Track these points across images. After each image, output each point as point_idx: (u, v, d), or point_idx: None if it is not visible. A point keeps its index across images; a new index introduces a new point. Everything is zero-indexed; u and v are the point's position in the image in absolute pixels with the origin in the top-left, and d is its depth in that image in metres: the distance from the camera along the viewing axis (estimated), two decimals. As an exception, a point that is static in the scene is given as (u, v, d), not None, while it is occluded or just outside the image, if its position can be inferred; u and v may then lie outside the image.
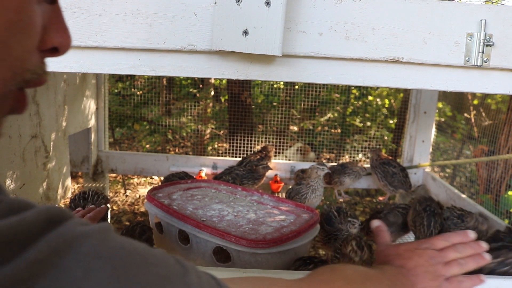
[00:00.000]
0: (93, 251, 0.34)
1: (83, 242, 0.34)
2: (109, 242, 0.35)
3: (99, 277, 0.33)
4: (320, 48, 0.88)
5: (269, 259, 1.08)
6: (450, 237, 0.86)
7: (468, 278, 0.83)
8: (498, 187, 2.07)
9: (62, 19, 0.44)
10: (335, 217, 1.40)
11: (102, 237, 0.35)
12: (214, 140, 3.77)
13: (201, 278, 0.42)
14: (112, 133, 3.69)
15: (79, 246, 0.33)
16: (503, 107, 2.29)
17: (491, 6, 0.93)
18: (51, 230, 0.33)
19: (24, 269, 0.30)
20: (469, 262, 0.83)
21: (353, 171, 1.94)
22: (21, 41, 0.37)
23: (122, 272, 0.34)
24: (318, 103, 3.25)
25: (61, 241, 0.33)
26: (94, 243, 0.34)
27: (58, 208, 0.36)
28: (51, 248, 0.32)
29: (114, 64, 0.92)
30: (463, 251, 0.84)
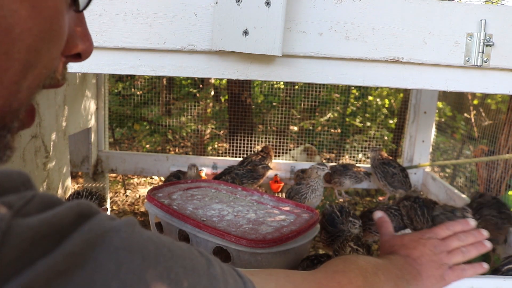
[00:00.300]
0: (123, 244, 0.35)
1: (114, 235, 0.35)
2: (138, 235, 0.37)
3: (131, 269, 0.34)
4: (320, 48, 0.88)
5: (269, 259, 1.08)
6: (452, 226, 0.88)
7: (471, 266, 0.85)
8: (498, 187, 2.07)
9: (86, 27, 0.45)
10: (338, 217, 1.40)
11: (131, 230, 0.37)
12: (214, 140, 3.77)
13: (223, 269, 0.43)
14: (112, 133, 3.69)
15: (110, 240, 0.35)
16: (503, 107, 2.29)
17: (491, 6, 0.93)
18: (83, 224, 0.34)
19: (62, 261, 0.31)
20: (471, 250, 0.86)
21: (355, 175, 1.94)
22: (51, 49, 0.39)
23: (152, 264, 0.36)
24: (318, 103, 3.25)
25: (93, 235, 0.34)
26: (123, 236, 0.35)
27: (87, 203, 0.37)
28: (85, 241, 0.33)
29: (114, 64, 0.92)
30: (465, 239, 0.86)
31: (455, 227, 0.89)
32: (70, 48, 0.43)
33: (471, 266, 0.85)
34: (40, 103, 1.49)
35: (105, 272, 0.33)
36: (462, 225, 0.89)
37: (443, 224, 0.90)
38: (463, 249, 0.85)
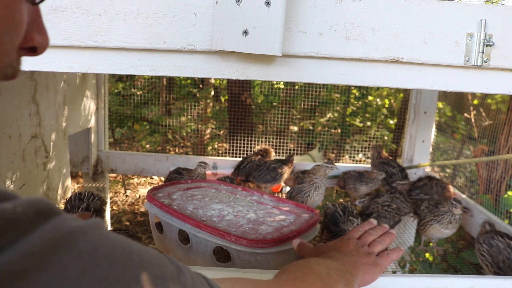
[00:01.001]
0: (89, 247, 0.33)
1: (80, 237, 0.33)
2: (105, 238, 0.35)
3: (96, 275, 0.32)
4: (320, 48, 0.88)
5: (269, 259, 1.08)
6: (361, 227, 1.03)
7: (393, 250, 0.98)
8: (498, 187, 2.07)
9: (42, 21, 0.45)
10: (341, 216, 1.40)
11: (98, 233, 0.35)
12: (214, 140, 3.77)
13: (193, 278, 0.42)
14: (112, 133, 3.69)
15: (75, 241, 0.32)
16: (503, 107, 2.29)
17: (491, 6, 0.93)
18: (44, 223, 0.32)
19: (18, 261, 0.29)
20: (385, 239, 0.99)
21: (371, 180, 1.91)
22: (12, 37, 0.39)
23: (119, 270, 0.33)
24: (318, 103, 3.25)
25: (57, 235, 0.32)
26: (90, 239, 0.33)
27: (48, 201, 0.35)
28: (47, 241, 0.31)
29: (114, 64, 0.92)
30: (375, 233, 1.00)
31: (364, 227, 1.03)
32: (27, 40, 0.42)
33: (393, 251, 0.97)
34: (40, 103, 1.49)
35: (68, 277, 0.31)
36: (368, 224, 1.05)
37: (354, 228, 1.05)
38: (378, 240, 0.98)
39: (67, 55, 0.91)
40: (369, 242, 0.97)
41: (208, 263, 1.15)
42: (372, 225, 1.05)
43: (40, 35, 0.44)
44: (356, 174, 1.94)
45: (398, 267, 1.69)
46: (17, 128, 1.36)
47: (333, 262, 0.82)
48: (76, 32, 0.87)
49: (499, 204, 1.99)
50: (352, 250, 0.92)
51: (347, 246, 0.93)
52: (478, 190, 2.26)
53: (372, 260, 0.90)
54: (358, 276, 0.84)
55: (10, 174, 1.32)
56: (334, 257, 0.86)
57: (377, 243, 0.97)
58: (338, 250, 0.92)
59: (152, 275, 0.36)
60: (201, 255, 1.16)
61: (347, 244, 0.94)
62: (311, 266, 0.76)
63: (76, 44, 0.88)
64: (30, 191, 1.45)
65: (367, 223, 1.06)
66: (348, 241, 0.95)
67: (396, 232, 1.04)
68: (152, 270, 0.36)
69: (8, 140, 1.31)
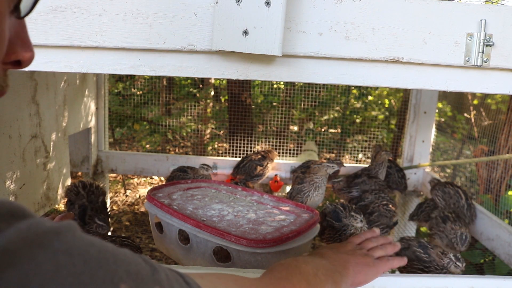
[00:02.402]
0: (64, 247, 0.33)
1: (55, 237, 0.34)
2: (79, 239, 0.35)
3: (71, 272, 0.33)
4: (320, 48, 0.88)
5: (269, 259, 1.08)
6: (363, 235, 1.01)
7: (396, 258, 0.95)
8: (498, 187, 2.07)
9: (26, 34, 0.44)
10: (342, 211, 1.40)
11: (72, 234, 0.35)
12: (214, 140, 3.77)
13: (168, 276, 0.42)
14: (112, 133, 3.69)
15: (51, 241, 0.33)
16: (503, 107, 2.29)
17: (491, 6, 0.93)
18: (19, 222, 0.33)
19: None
20: (387, 247, 0.97)
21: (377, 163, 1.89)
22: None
23: (94, 267, 0.34)
24: (318, 103, 3.25)
25: (32, 234, 0.32)
26: (64, 239, 0.34)
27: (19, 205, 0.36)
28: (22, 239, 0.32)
29: (114, 64, 0.92)
30: (377, 241, 0.98)
31: (366, 234, 1.01)
32: (10, 54, 0.42)
33: (395, 258, 0.95)
34: (40, 103, 1.49)
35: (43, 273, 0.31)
36: (370, 233, 1.03)
37: (355, 235, 1.04)
38: (380, 246, 0.96)
39: (67, 55, 0.91)
40: (369, 248, 0.95)
41: (208, 263, 1.15)
42: (375, 233, 1.03)
43: (24, 49, 0.43)
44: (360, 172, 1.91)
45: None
46: (17, 128, 1.36)
47: (322, 260, 0.81)
48: (76, 32, 0.87)
49: (499, 204, 1.99)
50: (348, 250, 0.91)
51: (344, 247, 0.93)
52: (478, 190, 2.26)
53: (367, 261, 0.89)
54: (348, 276, 0.83)
55: (10, 174, 1.32)
56: (325, 254, 0.86)
57: (377, 248, 0.95)
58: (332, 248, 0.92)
59: (127, 272, 0.37)
60: (201, 255, 1.16)
61: (344, 247, 0.93)
62: (299, 266, 0.75)
63: (76, 44, 0.88)
64: (30, 191, 1.45)
65: (370, 232, 1.04)
66: (347, 244, 0.95)
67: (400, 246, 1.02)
68: (127, 268, 0.37)
69: (8, 140, 1.31)
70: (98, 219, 1.19)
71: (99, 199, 1.27)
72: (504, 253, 1.44)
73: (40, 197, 1.54)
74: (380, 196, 1.67)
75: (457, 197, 1.66)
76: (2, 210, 0.33)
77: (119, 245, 1.15)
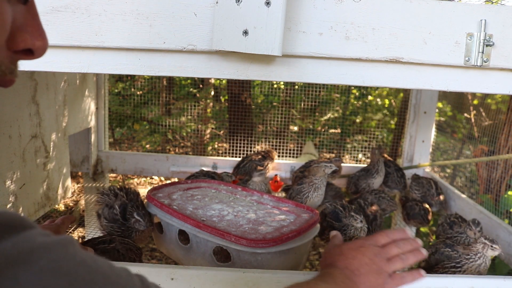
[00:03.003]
0: (50, 266, 0.32)
1: (43, 255, 0.32)
2: (70, 257, 0.33)
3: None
4: (320, 48, 0.88)
5: (269, 259, 1.08)
6: (391, 234, 0.92)
7: (409, 273, 0.89)
8: (498, 187, 2.07)
9: (38, 22, 0.43)
10: (341, 212, 1.40)
11: (63, 251, 0.33)
12: (214, 140, 3.77)
13: None
14: (112, 133, 3.69)
15: (37, 259, 0.31)
16: (503, 107, 2.29)
17: (491, 6, 0.93)
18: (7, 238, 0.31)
19: None
20: (410, 257, 0.89)
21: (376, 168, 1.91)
22: None
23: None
24: (318, 103, 3.25)
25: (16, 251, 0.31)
26: (53, 257, 0.32)
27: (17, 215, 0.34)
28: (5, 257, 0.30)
29: (114, 64, 0.92)
30: (403, 247, 0.89)
31: (394, 235, 0.92)
32: (18, 42, 0.41)
33: (410, 274, 0.89)
34: (40, 103, 1.49)
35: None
36: (400, 233, 0.93)
37: (383, 232, 0.93)
38: (402, 256, 0.88)
39: (67, 55, 0.91)
40: (391, 255, 0.88)
41: (208, 263, 1.15)
42: (405, 235, 0.93)
43: (34, 36, 0.42)
44: (361, 172, 1.93)
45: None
46: (17, 128, 1.36)
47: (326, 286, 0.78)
48: (76, 32, 0.87)
49: (499, 204, 1.99)
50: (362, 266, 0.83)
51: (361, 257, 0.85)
52: (478, 190, 2.26)
53: (380, 282, 0.83)
54: None
55: (10, 174, 1.32)
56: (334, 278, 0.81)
57: (398, 260, 0.87)
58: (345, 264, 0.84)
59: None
60: (201, 255, 1.16)
61: (362, 254, 0.86)
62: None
63: (76, 44, 0.88)
64: (30, 191, 1.45)
65: (400, 231, 0.94)
66: (366, 250, 0.87)
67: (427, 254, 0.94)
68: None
69: (8, 140, 1.31)
70: (137, 214, 1.20)
71: (138, 198, 1.28)
72: (504, 253, 1.44)
73: (40, 197, 1.54)
74: (381, 196, 1.68)
75: (428, 186, 1.86)
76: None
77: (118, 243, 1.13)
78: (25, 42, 0.41)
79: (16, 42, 0.41)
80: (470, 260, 1.14)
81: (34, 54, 0.43)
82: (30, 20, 0.42)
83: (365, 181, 1.88)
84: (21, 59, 0.43)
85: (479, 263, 1.13)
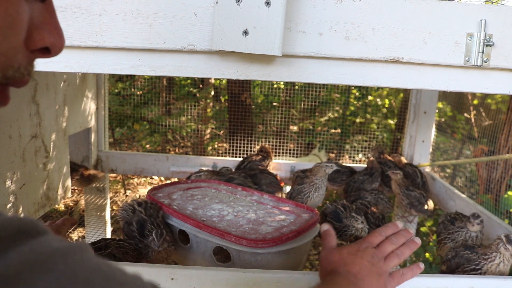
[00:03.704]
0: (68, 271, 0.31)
1: (59, 260, 0.32)
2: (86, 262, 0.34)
3: None
4: (320, 48, 0.88)
5: (269, 259, 1.08)
6: (383, 231, 0.93)
7: (409, 269, 0.90)
8: (498, 187, 2.07)
9: (55, 20, 0.42)
10: (342, 212, 1.40)
11: (79, 257, 0.33)
12: (214, 140, 3.77)
13: None
14: (112, 133, 3.69)
15: (54, 265, 0.31)
16: (503, 107, 2.29)
17: (491, 6, 0.93)
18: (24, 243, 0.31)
19: None
20: (405, 251, 0.90)
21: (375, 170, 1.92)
22: (8, 36, 0.36)
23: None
24: (318, 103, 3.25)
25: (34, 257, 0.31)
26: (69, 262, 0.32)
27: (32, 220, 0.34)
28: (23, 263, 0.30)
29: (114, 64, 0.92)
30: (397, 242, 0.91)
31: (386, 231, 0.93)
32: (36, 41, 0.40)
33: (409, 269, 0.90)
34: (40, 103, 1.49)
35: None
36: (391, 228, 0.94)
37: (375, 231, 0.94)
38: (397, 252, 0.89)
39: (67, 55, 0.91)
40: (387, 254, 0.89)
41: (208, 263, 1.15)
42: (397, 228, 0.95)
43: (51, 35, 0.41)
44: (365, 177, 1.90)
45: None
46: (17, 128, 1.36)
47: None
48: (76, 32, 0.87)
49: (499, 204, 1.99)
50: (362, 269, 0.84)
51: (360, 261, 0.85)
52: (478, 190, 2.26)
53: (381, 284, 0.84)
54: None
55: (10, 174, 1.32)
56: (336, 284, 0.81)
57: (394, 256, 0.89)
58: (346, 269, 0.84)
59: None
60: (201, 255, 1.16)
61: (361, 257, 0.86)
62: None
63: (76, 44, 0.88)
64: (30, 191, 1.45)
65: (391, 226, 0.95)
66: (364, 254, 0.87)
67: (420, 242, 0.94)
68: None
69: (8, 140, 1.31)
70: (155, 233, 1.17)
71: (158, 214, 1.24)
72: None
73: (40, 197, 1.54)
74: (379, 197, 1.67)
75: (415, 176, 1.89)
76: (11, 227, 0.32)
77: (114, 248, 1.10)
78: (43, 41, 0.41)
79: (33, 41, 0.40)
80: (488, 260, 1.13)
81: (51, 53, 0.42)
82: (48, 17, 0.41)
83: (369, 186, 1.87)
84: (37, 57, 0.42)
85: (497, 262, 1.11)
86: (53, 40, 0.42)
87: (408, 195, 1.73)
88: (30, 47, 0.40)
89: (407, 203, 1.73)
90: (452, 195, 1.87)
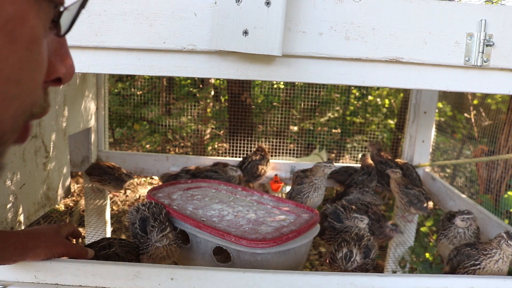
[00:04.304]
0: None
1: None
2: None
3: None
4: (320, 48, 0.88)
5: (269, 259, 1.08)
6: None
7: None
8: (498, 187, 2.07)
9: (66, 50, 0.43)
10: (342, 213, 1.40)
11: None
12: (214, 140, 3.77)
13: None
14: (112, 133, 3.69)
15: None
16: (503, 107, 2.29)
17: (491, 6, 0.93)
18: None
19: None
20: None
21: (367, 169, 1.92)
22: (33, 77, 0.37)
23: None
24: (318, 103, 3.25)
25: None
26: None
27: None
28: None
29: (114, 64, 0.92)
30: None
31: None
32: (50, 73, 0.41)
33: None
34: (40, 103, 1.49)
35: None
36: None
37: None
38: None
39: (67, 55, 0.90)
40: None
41: (208, 263, 1.15)
42: None
43: (63, 65, 0.42)
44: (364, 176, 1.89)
45: (398, 267, 1.69)
46: (17, 128, 1.35)
47: None
48: (76, 32, 0.87)
49: (499, 204, 1.99)
50: None
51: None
52: (478, 190, 2.26)
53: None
54: None
55: (10, 174, 1.32)
56: None
57: None
58: None
59: None
60: (201, 255, 1.16)
61: None
62: None
63: (76, 44, 0.88)
64: (30, 191, 1.45)
65: None
66: None
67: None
68: None
69: (8, 140, 1.31)
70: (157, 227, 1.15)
71: (162, 212, 1.23)
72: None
73: (40, 197, 1.54)
74: (364, 190, 1.69)
75: (410, 171, 1.92)
76: None
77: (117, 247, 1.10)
78: (56, 73, 0.41)
79: (49, 73, 0.40)
80: (487, 256, 1.12)
81: (63, 82, 0.43)
82: (59, 47, 0.42)
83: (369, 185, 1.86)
84: (49, 86, 0.43)
85: (496, 259, 1.10)
86: (65, 70, 0.42)
87: (407, 193, 1.74)
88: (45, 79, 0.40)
89: (406, 201, 1.73)
90: (452, 195, 1.87)
